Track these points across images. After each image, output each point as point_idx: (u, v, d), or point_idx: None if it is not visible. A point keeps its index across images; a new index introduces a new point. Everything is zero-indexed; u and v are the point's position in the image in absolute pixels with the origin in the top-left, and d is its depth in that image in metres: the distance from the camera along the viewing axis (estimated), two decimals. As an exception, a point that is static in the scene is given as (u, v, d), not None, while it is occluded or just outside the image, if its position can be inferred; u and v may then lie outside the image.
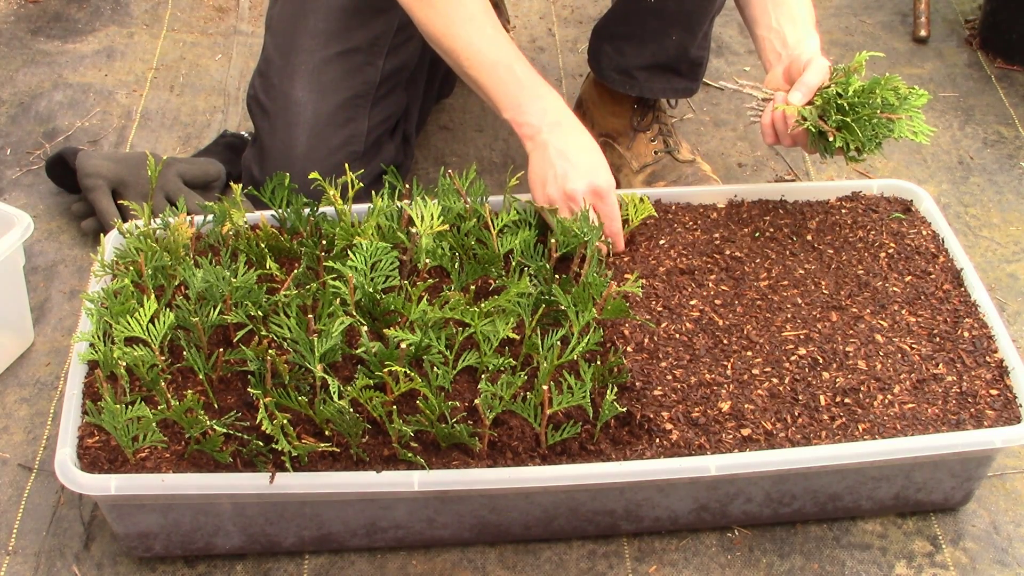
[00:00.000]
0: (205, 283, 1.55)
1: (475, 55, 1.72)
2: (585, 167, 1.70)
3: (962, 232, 2.11)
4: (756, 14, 1.84)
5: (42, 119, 2.34)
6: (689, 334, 1.61)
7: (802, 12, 1.82)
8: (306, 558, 1.56)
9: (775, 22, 1.81)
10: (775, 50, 1.80)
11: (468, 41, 1.72)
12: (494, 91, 1.73)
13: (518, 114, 1.72)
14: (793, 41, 1.78)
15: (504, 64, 1.72)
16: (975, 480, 1.58)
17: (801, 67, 1.73)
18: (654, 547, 1.57)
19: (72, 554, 1.56)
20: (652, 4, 1.87)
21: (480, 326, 1.51)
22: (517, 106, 1.72)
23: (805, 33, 1.79)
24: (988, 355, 1.59)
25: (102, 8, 2.68)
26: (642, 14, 1.72)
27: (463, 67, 1.74)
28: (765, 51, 1.83)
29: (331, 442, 1.45)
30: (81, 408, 1.50)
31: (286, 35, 1.96)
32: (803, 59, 1.73)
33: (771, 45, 1.81)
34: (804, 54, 1.74)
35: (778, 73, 1.78)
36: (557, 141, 1.70)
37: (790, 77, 1.76)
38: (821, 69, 1.71)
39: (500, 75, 1.72)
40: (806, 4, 1.83)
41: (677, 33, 1.72)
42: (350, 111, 1.94)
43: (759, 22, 1.84)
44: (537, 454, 1.46)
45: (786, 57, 1.78)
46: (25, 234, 1.72)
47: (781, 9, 1.81)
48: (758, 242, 1.77)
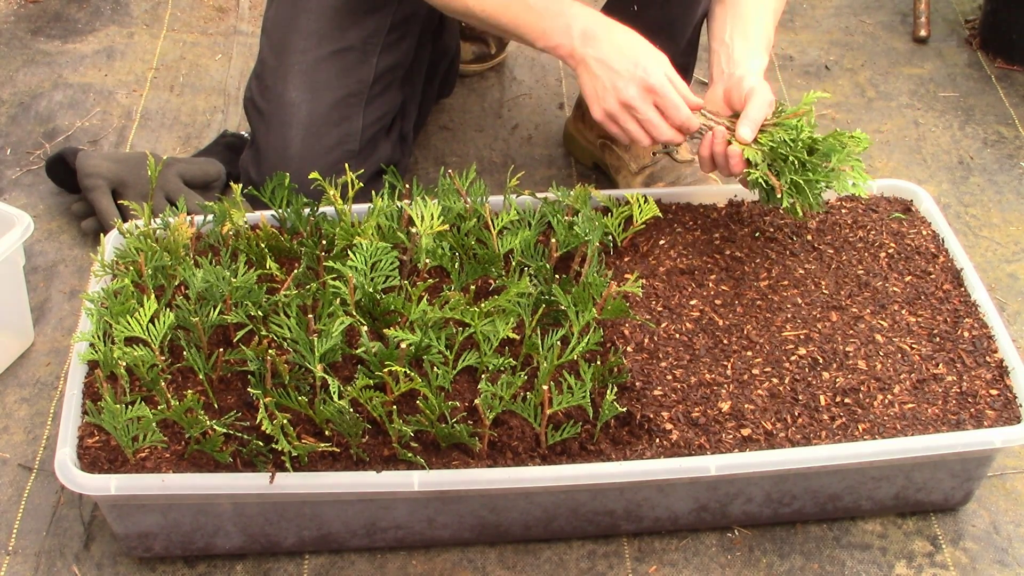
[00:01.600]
0: (205, 283, 1.55)
1: (485, 2, 1.71)
2: (628, 69, 1.66)
3: (962, 232, 2.11)
4: (715, 25, 1.82)
5: (42, 119, 2.34)
6: (689, 334, 1.61)
7: (756, 30, 1.78)
8: (306, 558, 1.56)
9: (728, 36, 1.78)
10: (720, 66, 1.77)
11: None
12: (516, 28, 1.72)
13: (548, 40, 1.70)
14: (738, 57, 1.75)
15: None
16: (975, 480, 1.58)
17: (743, 95, 1.69)
18: (654, 547, 1.57)
19: (72, 554, 1.56)
20: (635, 12, 1.87)
21: (480, 326, 1.51)
22: (543, 33, 1.70)
23: (753, 52, 1.76)
24: (988, 355, 1.59)
25: (102, 8, 2.68)
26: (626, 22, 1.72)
27: (478, 15, 1.73)
28: (712, 65, 1.80)
29: (331, 442, 1.45)
30: (81, 408, 1.50)
31: (280, 36, 1.96)
32: (744, 85, 1.69)
33: (718, 59, 1.78)
34: (746, 79, 1.70)
35: (718, 93, 1.75)
36: (593, 51, 1.67)
37: (730, 101, 1.72)
38: (765, 103, 1.68)
39: (515, 10, 1.70)
40: (764, 23, 1.80)
41: (661, 41, 1.71)
42: (344, 110, 1.94)
43: (715, 34, 1.81)
44: (537, 454, 1.46)
45: (727, 76, 1.75)
46: (25, 234, 1.72)
47: (737, 24, 1.79)
48: (758, 242, 1.77)
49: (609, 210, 1.76)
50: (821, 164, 1.65)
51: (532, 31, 1.71)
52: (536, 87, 2.48)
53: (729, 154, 1.68)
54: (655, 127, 1.68)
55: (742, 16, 1.79)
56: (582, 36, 1.68)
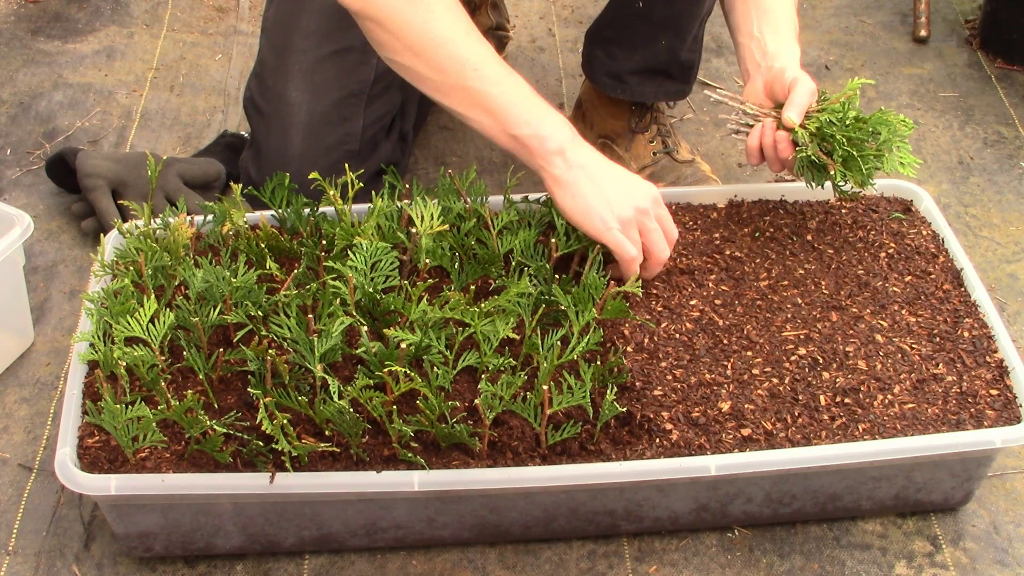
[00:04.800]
0: (205, 283, 1.55)
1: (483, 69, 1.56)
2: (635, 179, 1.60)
3: (962, 232, 2.11)
4: (739, 20, 1.82)
5: (42, 119, 2.34)
6: (689, 334, 1.61)
7: (785, 22, 1.79)
8: (306, 558, 1.56)
9: (757, 30, 1.78)
10: (754, 60, 1.77)
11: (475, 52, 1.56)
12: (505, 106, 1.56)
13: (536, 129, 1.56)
14: (773, 50, 1.75)
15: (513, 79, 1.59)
16: (975, 480, 1.58)
17: (786, 85, 1.70)
18: (654, 547, 1.57)
19: (72, 554, 1.56)
20: (640, 9, 1.87)
21: (480, 326, 1.51)
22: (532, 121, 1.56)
23: (786, 44, 1.76)
24: (988, 355, 1.59)
25: (102, 8, 2.68)
26: (631, 19, 1.71)
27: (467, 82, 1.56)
28: (744, 60, 1.80)
29: (331, 442, 1.45)
30: (81, 408, 1.50)
31: (280, 36, 1.96)
32: (787, 76, 1.70)
33: (751, 54, 1.78)
34: (787, 70, 1.71)
35: (758, 87, 1.75)
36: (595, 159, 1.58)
37: (772, 94, 1.73)
38: (810, 90, 1.69)
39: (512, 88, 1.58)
40: (790, 15, 1.80)
41: (666, 37, 1.70)
42: (344, 110, 1.94)
43: (741, 29, 1.81)
44: (537, 454, 1.46)
45: (766, 69, 1.75)
46: (25, 234, 1.72)
47: (764, 17, 1.78)
48: (758, 242, 1.77)
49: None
50: (869, 140, 1.66)
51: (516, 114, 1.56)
52: (536, 87, 2.47)
53: (777, 139, 1.68)
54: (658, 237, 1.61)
55: (765, 7, 1.79)
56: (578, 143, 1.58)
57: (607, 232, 1.57)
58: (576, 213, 1.57)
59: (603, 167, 1.58)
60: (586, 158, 1.57)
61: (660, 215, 1.62)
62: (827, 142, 1.68)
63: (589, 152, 1.59)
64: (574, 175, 1.56)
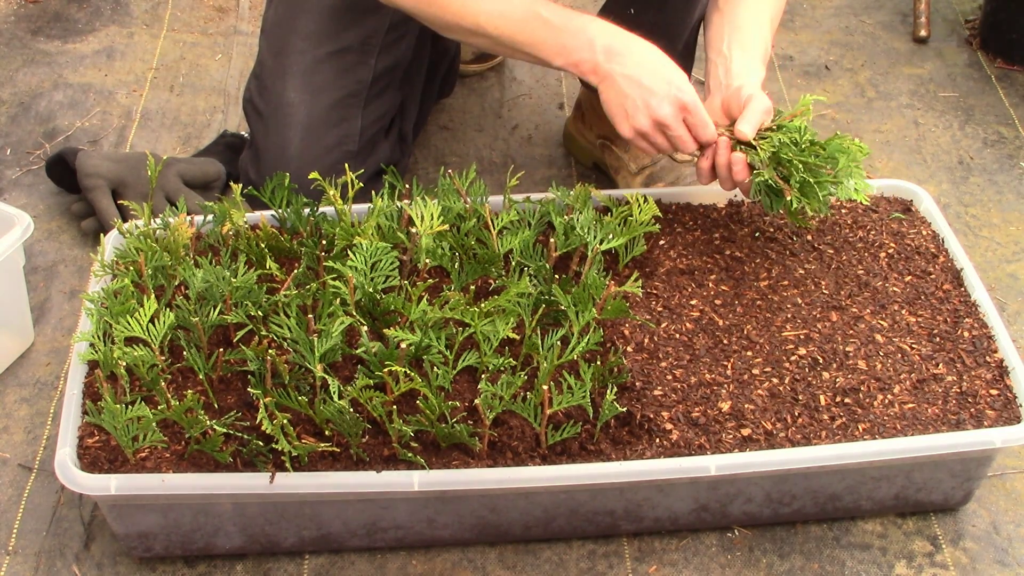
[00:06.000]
0: (205, 283, 1.55)
1: (499, 20, 1.68)
2: (662, 87, 1.64)
3: (962, 232, 2.11)
4: (712, 36, 1.81)
5: (42, 119, 2.34)
6: (689, 334, 1.61)
7: (755, 43, 1.77)
8: (306, 558, 1.56)
9: (726, 47, 1.77)
10: (718, 78, 1.76)
11: (486, 9, 1.68)
12: (533, 46, 1.68)
13: (568, 56, 1.67)
14: (737, 70, 1.74)
15: (532, 14, 1.67)
16: (975, 480, 1.58)
17: (741, 103, 1.68)
18: (654, 547, 1.57)
19: (72, 554, 1.56)
20: (632, 15, 1.87)
21: (480, 326, 1.51)
22: (562, 49, 1.67)
23: (750, 64, 1.74)
24: (988, 355, 1.59)
25: (102, 8, 2.68)
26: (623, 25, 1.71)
27: (491, 34, 1.69)
28: (709, 76, 1.79)
29: (331, 442, 1.45)
30: (81, 408, 1.50)
31: (278, 37, 1.96)
32: (743, 93, 1.68)
33: (716, 71, 1.77)
34: (745, 88, 1.69)
35: (716, 104, 1.73)
36: (620, 67, 1.65)
37: (728, 111, 1.71)
38: (764, 108, 1.67)
39: (532, 26, 1.67)
40: (762, 37, 1.78)
41: (658, 44, 1.70)
42: (343, 111, 1.94)
43: (712, 44, 1.80)
44: (537, 454, 1.46)
45: (724, 87, 1.74)
46: (25, 234, 1.72)
47: (735, 35, 1.77)
48: (758, 242, 1.77)
49: (609, 210, 1.76)
50: (826, 167, 1.65)
51: (550, 48, 1.68)
52: (536, 87, 2.48)
53: (733, 161, 1.67)
54: (684, 143, 1.68)
55: (739, 26, 1.78)
56: (606, 52, 1.66)
57: (629, 140, 1.71)
58: (610, 118, 1.71)
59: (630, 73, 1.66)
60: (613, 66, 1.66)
61: (690, 121, 1.66)
62: (783, 166, 1.66)
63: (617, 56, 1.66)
64: (604, 85, 1.68)
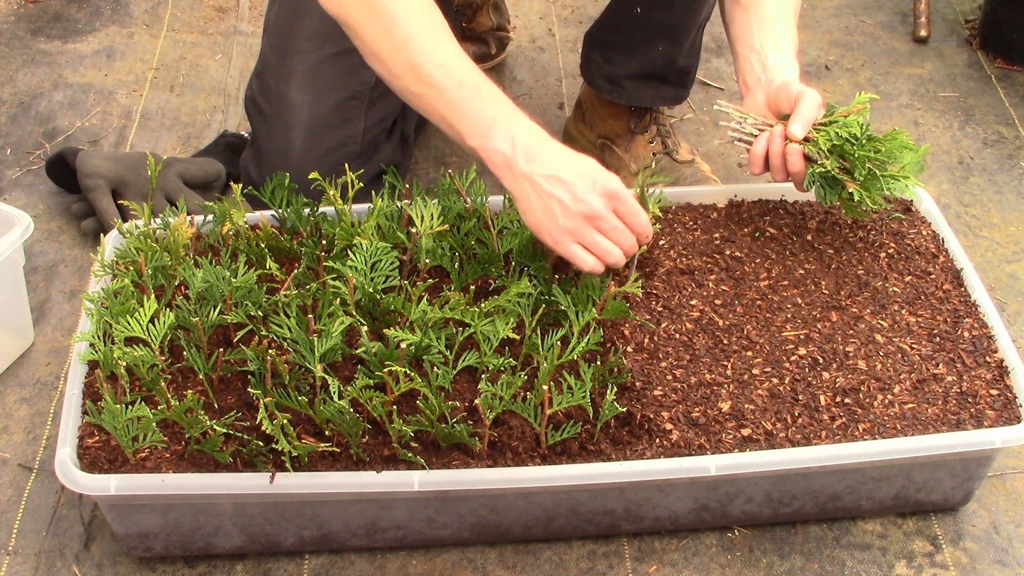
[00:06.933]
0: (205, 283, 1.55)
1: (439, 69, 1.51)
2: (585, 179, 1.50)
3: (962, 232, 2.11)
4: (739, 32, 1.80)
5: (42, 119, 2.34)
6: (689, 334, 1.61)
7: (786, 38, 1.77)
8: (306, 558, 1.56)
9: (758, 43, 1.76)
10: (755, 73, 1.75)
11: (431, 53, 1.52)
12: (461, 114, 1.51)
13: (487, 141, 1.50)
14: (775, 64, 1.74)
15: (473, 81, 1.52)
16: (975, 480, 1.58)
17: (791, 98, 1.68)
18: (654, 547, 1.57)
19: (72, 554, 1.56)
20: (638, 14, 1.86)
21: (480, 326, 1.51)
22: (485, 132, 1.50)
23: (787, 60, 1.75)
24: (988, 355, 1.59)
25: (102, 8, 2.68)
26: (628, 24, 1.70)
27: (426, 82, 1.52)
28: (744, 72, 1.78)
29: (331, 442, 1.45)
30: (81, 408, 1.50)
31: (282, 37, 1.96)
32: (791, 89, 1.68)
33: (751, 67, 1.76)
34: (792, 82, 1.69)
35: (759, 100, 1.74)
36: (540, 168, 1.49)
37: (776, 106, 1.71)
38: (816, 103, 1.67)
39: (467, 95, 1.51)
40: (790, 30, 1.79)
41: (663, 43, 1.69)
42: (346, 112, 1.94)
43: (741, 41, 1.79)
44: (537, 454, 1.46)
45: (767, 83, 1.73)
46: (25, 234, 1.72)
47: (765, 31, 1.77)
48: (758, 242, 1.77)
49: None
50: (889, 161, 1.66)
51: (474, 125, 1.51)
52: (536, 87, 2.48)
53: (788, 151, 1.66)
54: (620, 234, 1.52)
55: (766, 19, 1.77)
56: (526, 153, 1.49)
57: (559, 245, 1.51)
58: (530, 227, 1.53)
59: (551, 173, 1.49)
60: (532, 167, 1.49)
61: (621, 210, 1.52)
62: (845, 159, 1.67)
63: (538, 157, 1.50)
64: (522, 189, 1.50)
